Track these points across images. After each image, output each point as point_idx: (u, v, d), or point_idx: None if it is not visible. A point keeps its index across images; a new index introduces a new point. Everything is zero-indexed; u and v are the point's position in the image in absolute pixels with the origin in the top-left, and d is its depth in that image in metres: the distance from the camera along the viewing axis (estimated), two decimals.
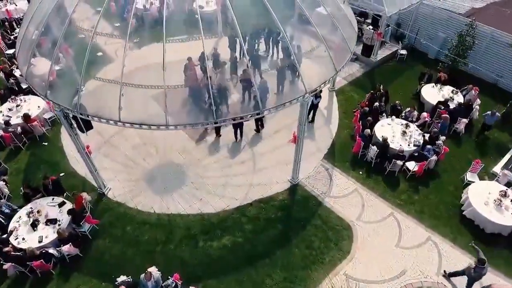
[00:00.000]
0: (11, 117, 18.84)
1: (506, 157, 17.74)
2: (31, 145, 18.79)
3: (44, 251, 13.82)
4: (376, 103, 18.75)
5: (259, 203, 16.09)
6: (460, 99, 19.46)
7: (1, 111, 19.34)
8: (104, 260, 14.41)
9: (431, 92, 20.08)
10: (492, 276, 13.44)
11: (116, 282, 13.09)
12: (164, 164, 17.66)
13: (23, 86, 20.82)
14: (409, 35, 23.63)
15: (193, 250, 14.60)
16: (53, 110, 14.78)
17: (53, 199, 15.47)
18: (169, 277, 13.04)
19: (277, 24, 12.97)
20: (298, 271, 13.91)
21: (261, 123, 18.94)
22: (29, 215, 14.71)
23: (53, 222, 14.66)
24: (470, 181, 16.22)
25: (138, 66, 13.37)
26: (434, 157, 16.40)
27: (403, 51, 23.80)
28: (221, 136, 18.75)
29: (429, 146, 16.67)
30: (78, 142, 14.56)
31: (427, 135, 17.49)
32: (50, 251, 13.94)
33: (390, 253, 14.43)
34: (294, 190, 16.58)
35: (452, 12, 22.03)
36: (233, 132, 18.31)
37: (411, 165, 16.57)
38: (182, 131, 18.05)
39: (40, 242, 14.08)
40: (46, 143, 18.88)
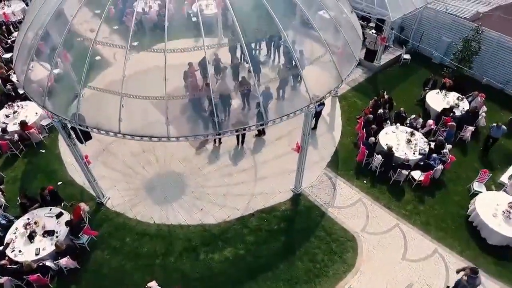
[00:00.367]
0: (7, 124, 18.47)
1: None
2: (28, 153, 18.41)
3: (41, 264, 13.46)
4: (380, 110, 18.39)
5: (261, 213, 15.73)
6: (465, 105, 19.11)
7: None
8: (102, 273, 14.04)
9: (436, 98, 19.71)
10: None
11: None
12: (164, 172, 17.29)
13: (20, 92, 20.41)
14: (413, 42, 23.18)
15: (194, 262, 14.24)
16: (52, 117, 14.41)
17: (50, 209, 15.10)
18: None
19: (280, 32, 12.64)
20: (302, 285, 13.58)
21: (263, 128, 18.57)
22: (26, 226, 14.32)
23: (51, 233, 14.29)
24: (477, 191, 15.87)
25: (139, 76, 13.05)
26: (440, 166, 16.04)
27: (407, 56, 23.44)
28: (222, 144, 18.39)
29: (435, 155, 16.28)
30: (76, 152, 14.20)
31: (432, 144, 17.07)
32: (47, 264, 13.58)
33: (396, 266, 14.08)
34: (296, 199, 16.22)
35: (456, 17, 21.59)
36: (234, 138, 17.95)
37: (417, 175, 16.21)
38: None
39: (37, 254, 13.71)
40: (44, 151, 18.51)
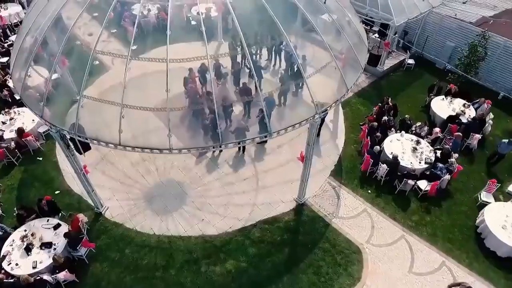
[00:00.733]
0: (4, 131, 18.08)
1: None
2: (25, 160, 17.99)
3: (38, 277, 13.08)
4: (385, 117, 18.01)
5: (263, 224, 15.37)
6: (471, 112, 18.72)
7: None
8: (101, 287, 13.69)
9: (441, 105, 19.35)
10: None
11: None
12: (164, 181, 16.90)
13: (17, 97, 19.94)
14: (416, 49, 22.79)
15: (195, 276, 13.88)
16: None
17: (48, 220, 14.72)
18: None
19: (283, 37, 12.32)
20: None
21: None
22: (23, 239, 13.94)
23: (48, 246, 13.91)
24: (484, 202, 15.51)
25: (139, 85, 12.68)
26: (447, 176, 15.67)
27: (411, 61, 23.05)
28: (222, 151, 17.99)
29: (442, 164, 15.92)
30: (75, 163, 13.83)
31: (438, 152, 16.70)
32: (44, 277, 13.19)
33: (403, 279, 13.75)
34: (300, 210, 15.85)
35: (462, 21, 21.21)
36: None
37: (423, 184, 15.85)
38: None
39: (34, 268, 13.31)
40: (41, 158, 18.10)
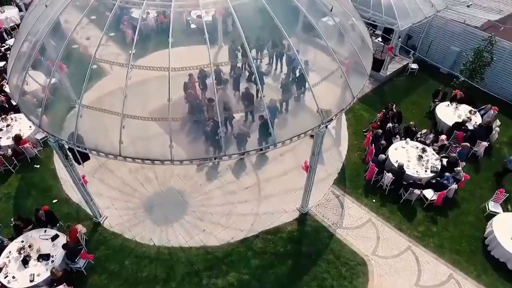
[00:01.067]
0: (1, 138, 17.74)
1: None
2: (22, 168, 17.61)
3: None
4: (389, 124, 17.66)
5: (266, 234, 15.02)
6: (478, 119, 18.36)
7: None
8: None
9: (447, 111, 18.99)
10: None
11: None
12: (164, 190, 16.53)
13: (14, 103, 19.57)
14: (419, 55, 22.42)
15: None
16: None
17: (45, 231, 14.39)
18: None
19: (287, 42, 12.02)
20: None
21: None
22: (20, 251, 13.59)
23: (46, 258, 13.60)
24: (492, 212, 15.16)
25: (140, 93, 12.36)
26: (454, 185, 15.31)
27: (414, 65, 22.68)
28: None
29: (448, 173, 15.56)
30: (73, 173, 13.49)
31: (445, 160, 16.34)
32: None
33: None
34: (303, 220, 15.51)
35: (467, 25, 20.86)
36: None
37: (429, 194, 15.50)
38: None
39: (31, 281, 13.01)
40: (38, 166, 17.72)
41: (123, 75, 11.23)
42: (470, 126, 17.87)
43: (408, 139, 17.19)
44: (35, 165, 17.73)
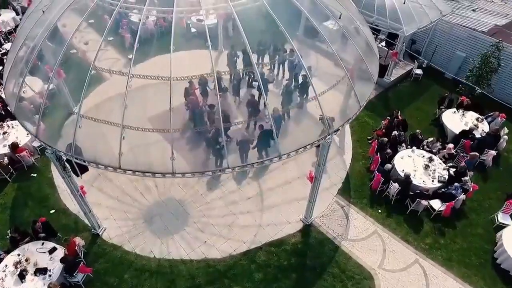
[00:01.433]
0: None
1: None
2: (19, 177, 17.18)
3: None
4: (395, 132, 17.25)
5: (269, 246, 14.61)
6: (485, 127, 17.96)
7: None
8: None
9: (453, 118, 18.59)
10: None
11: None
12: (164, 200, 16.11)
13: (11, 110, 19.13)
14: (423, 60, 22.00)
15: None
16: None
17: (43, 244, 13.95)
18: None
19: (290, 47, 11.65)
20: None
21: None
22: (17, 265, 13.17)
23: (43, 272, 13.16)
24: (502, 224, 14.76)
25: (140, 102, 11.97)
26: (462, 196, 14.90)
27: (419, 71, 22.27)
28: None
29: (457, 183, 15.15)
30: (71, 185, 13.07)
31: (452, 169, 15.94)
32: None
33: None
34: (307, 231, 15.10)
35: (473, 30, 20.46)
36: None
37: (436, 205, 15.10)
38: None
39: None
40: (35, 174, 17.28)
41: (123, 83, 10.81)
42: (477, 134, 17.46)
43: (414, 148, 16.78)
44: (32, 174, 17.30)
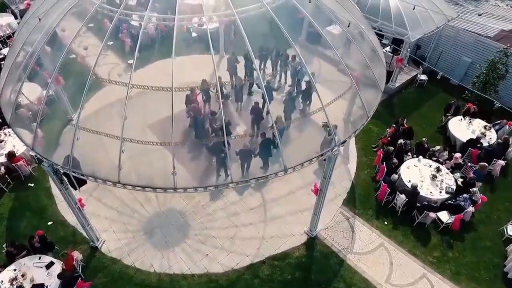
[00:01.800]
0: None
1: None
2: (16, 187, 16.75)
3: None
4: (400, 140, 16.86)
5: (272, 260, 14.21)
6: (493, 135, 17.56)
7: None
8: None
9: (459, 126, 18.19)
10: None
11: None
12: (164, 211, 15.70)
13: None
14: (428, 65, 21.56)
15: None
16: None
17: (39, 258, 13.53)
18: None
19: (294, 53, 11.31)
20: None
21: None
22: (13, 282, 12.76)
23: None
24: (511, 237, 14.34)
25: (140, 111, 11.62)
26: (471, 208, 14.49)
27: (423, 76, 21.86)
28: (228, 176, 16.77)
29: (466, 195, 14.76)
30: (69, 198, 12.68)
31: (460, 180, 15.54)
32: None
33: None
34: (311, 244, 14.71)
35: (480, 35, 20.06)
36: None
37: (444, 217, 14.72)
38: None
39: None
40: (33, 184, 16.86)
41: (122, 89, 10.44)
42: (485, 143, 17.05)
43: (420, 157, 16.38)
44: (30, 184, 16.89)
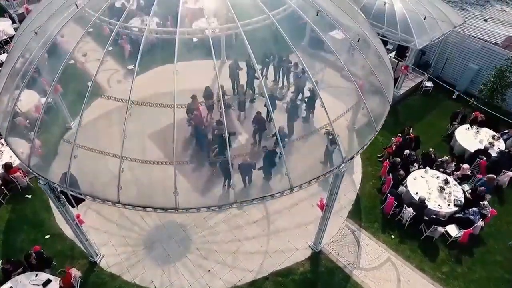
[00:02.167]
0: None
1: None
2: (13, 198, 16.33)
3: None
4: (407, 151, 16.44)
5: (276, 276, 13.82)
6: (501, 145, 17.16)
7: None
8: None
9: (467, 135, 17.77)
10: None
11: None
12: (165, 224, 15.28)
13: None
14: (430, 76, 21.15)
15: None
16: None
17: (36, 275, 13.12)
18: None
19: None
20: None
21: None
22: None
23: None
24: None
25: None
26: (481, 222, 14.10)
27: (429, 83, 21.44)
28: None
29: (475, 208, 14.36)
30: (67, 215, 12.29)
31: (468, 191, 15.15)
32: None
33: None
34: (316, 259, 14.31)
35: (486, 42, 19.65)
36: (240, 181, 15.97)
37: (453, 231, 14.31)
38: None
39: None
40: (30, 196, 16.43)
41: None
42: (493, 153, 16.64)
43: (427, 168, 15.97)
44: (27, 195, 16.47)
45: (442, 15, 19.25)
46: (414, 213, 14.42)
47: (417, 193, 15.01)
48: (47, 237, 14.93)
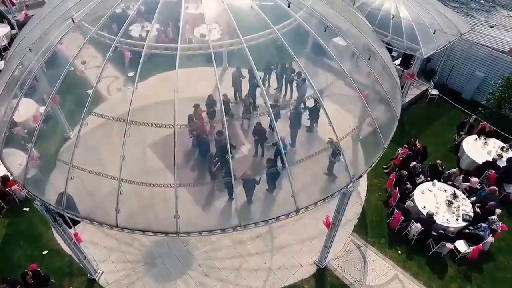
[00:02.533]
0: None
1: None
2: (10, 211, 15.96)
3: None
4: (413, 163, 16.03)
5: None
6: (509, 155, 16.73)
7: None
8: None
9: (474, 146, 17.37)
10: None
11: None
12: (166, 239, 14.85)
13: None
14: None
15: None
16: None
17: None
18: None
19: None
20: None
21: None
22: None
23: None
24: None
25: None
26: (491, 238, 13.70)
27: (435, 91, 21.03)
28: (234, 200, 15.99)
29: (485, 224, 13.96)
30: (64, 234, 11.89)
31: (477, 205, 14.76)
32: None
33: None
34: (321, 276, 13.93)
35: (493, 50, 19.25)
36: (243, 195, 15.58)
37: (462, 247, 13.92)
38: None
39: None
40: (28, 209, 16.03)
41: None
42: (501, 164, 16.25)
43: (435, 181, 15.56)
44: (25, 208, 16.08)
45: (448, 23, 18.82)
46: (422, 228, 14.00)
47: (424, 207, 14.62)
48: (44, 253, 14.55)
